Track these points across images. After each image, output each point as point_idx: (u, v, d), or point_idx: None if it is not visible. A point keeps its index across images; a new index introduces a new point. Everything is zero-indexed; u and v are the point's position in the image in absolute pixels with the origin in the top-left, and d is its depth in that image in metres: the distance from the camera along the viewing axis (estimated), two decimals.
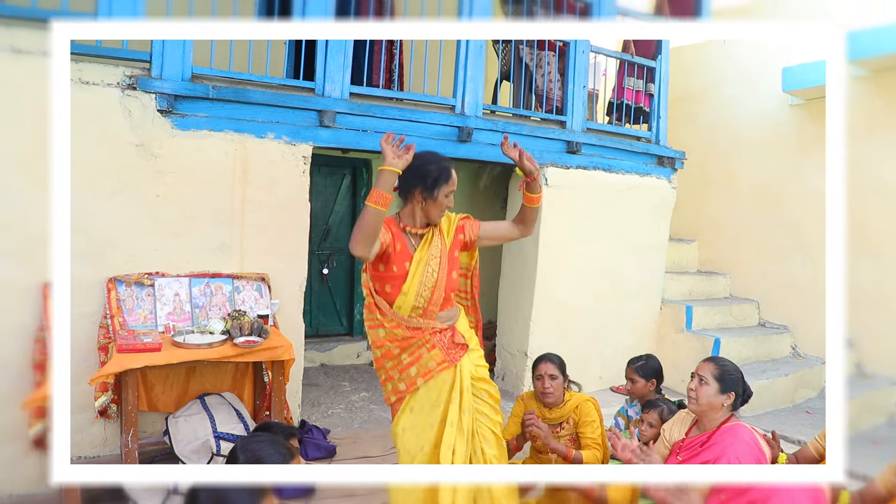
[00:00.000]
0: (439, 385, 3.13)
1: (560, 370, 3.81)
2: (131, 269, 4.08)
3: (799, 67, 6.64)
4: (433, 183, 3.06)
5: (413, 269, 3.08)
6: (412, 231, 3.16)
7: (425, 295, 3.10)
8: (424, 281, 3.09)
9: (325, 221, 6.79)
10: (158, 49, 4.09)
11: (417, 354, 3.14)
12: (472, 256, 3.53)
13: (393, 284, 3.10)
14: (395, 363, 3.18)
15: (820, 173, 6.49)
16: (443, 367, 3.12)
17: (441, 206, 3.13)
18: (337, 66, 4.65)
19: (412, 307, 3.10)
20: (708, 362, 3.08)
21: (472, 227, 3.32)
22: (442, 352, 3.14)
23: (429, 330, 3.13)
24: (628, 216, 6.23)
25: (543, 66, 5.89)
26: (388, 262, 3.09)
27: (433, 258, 3.13)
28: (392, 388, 3.22)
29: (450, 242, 3.23)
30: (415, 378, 3.14)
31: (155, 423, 4.29)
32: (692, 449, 2.98)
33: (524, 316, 5.88)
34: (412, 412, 3.16)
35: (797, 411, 6.13)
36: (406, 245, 3.13)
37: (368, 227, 2.86)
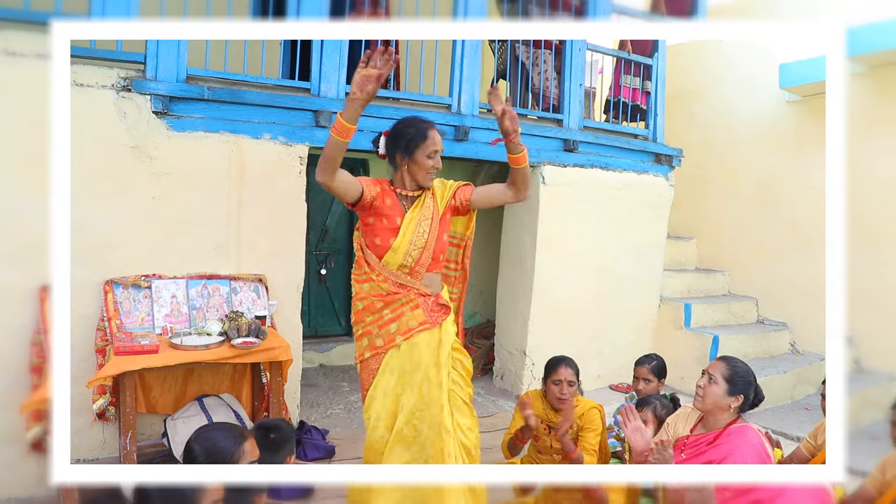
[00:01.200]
0: (422, 346, 3.15)
1: (577, 376, 3.72)
2: (128, 271, 4.07)
3: (796, 64, 6.64)
4: (408, 145, 3.13)
5: (404, 228, 3.14)
6: (403, 193, 3.22)
7: (414, 254, 3.15)
8: (414, 240, 3.14)
9: (323, 222, 6.77)
10: (153, 50, 4.08)
11: (400, 312, 3.16)
12: (468, 226, 3.56)
13: (383, 237, 3.15)
14: (375, 318, 3.20)
15: (818, 170, 6.49)
16: (424, 328, 3.16)
17: (424, 166, 3.16)
18: (332, 65, 4.64)
19: (400, 264, 3.15)
20: (720, 362, 3.04)
21: (465, 191, 3.35)
22: (424, 312, 3.18)
23: (414, 290, 3.17)
24: (626, 214, 6.23)
25: (540, 64, 5.89)
26: (377, 215, 3.15)
27: (424, 219, 3.19)
28: (368, 343, 3.24)
29: (443, 206, 3.28)
30: (394, 335, 3.16)
31: (153, 425, 4.28)
32: (698, 447, 2.96)
33: (522, 315, 5.87)
34: (392, 373, 3.18)
35: (796, 408, 6.13)
36: (397, 202, 3.20)
37: (328, 153, 2.91)
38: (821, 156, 6.41)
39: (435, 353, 3.16)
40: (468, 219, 3.55)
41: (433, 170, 3.20)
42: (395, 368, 3.18)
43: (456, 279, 3.61)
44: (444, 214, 3.28)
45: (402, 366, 3.17)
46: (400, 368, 3.18)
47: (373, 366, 3.23)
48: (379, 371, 3.20)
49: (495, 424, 5.06)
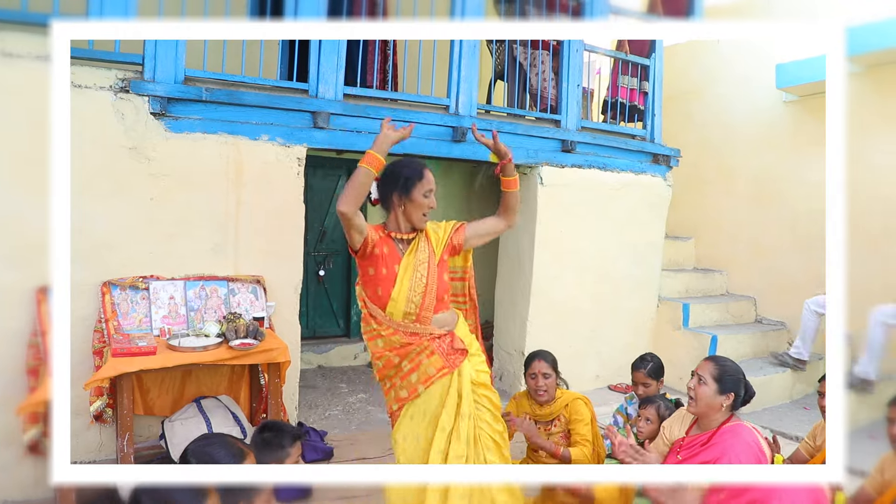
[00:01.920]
0: (440, 391, 3.10)
1: (553, 368, 3.82)
2: (126, 272, 4.06)
3: (792, 64, 6.65)
4: (406, 183, 3.11)
5: (401, 275, 3.10)
6: (398, 237, 3.18)
7: (416, 301, 3.10)
8: (414, 286, 3.10)
9: (321, 223, 6.77)
10: (151, 52, 4.07)
11: (417, 361, 3.11)
12: (466, 259, 3.52)
13: (383, 287, 3.12)
14: (395, 371, 3.16)
15: (815, 169, 6.50)
16: (443, 373, 3.09)
17: (420, 206, 3.14)
18: (330, 67, 4.64)
19: (404, 313, 3.10)
20: (708, 362, 3.06)
21: (459, 234, 3.34)
22: (441, 357, 3.11)
23: (426, 336, 3.11)
24: (624, 214, 6.23)
25: (538, 65, 5.89)
26: (376, 265, 3.12)
27: (421, 263, 3.15)
28: (394, 396, 3.20)
29: (440, 249, 3.24)
30: (415, 385, 3.11)
31: (151, 427, 4.27)
32: (692, 448, 2.96)
33: (521, 315, 5.87)
34: (411, 420, 3.14)
35: (795, 407, 6.13)
36: (394, 249, 3.16)
37: (357, 185, 2.93)
38: (818, 155, 6.43)
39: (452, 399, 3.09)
40: (465, 253, 3.51)
41: (428, 210, 3.18)
42: (415, 416, 3.14)
43: (467, 312, 3.55)
44: (441, 257, 3.24)
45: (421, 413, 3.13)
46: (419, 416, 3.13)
47: (397, 415, 3.21)
48: (399, 417, 3.17)
49: None
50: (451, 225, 3.34)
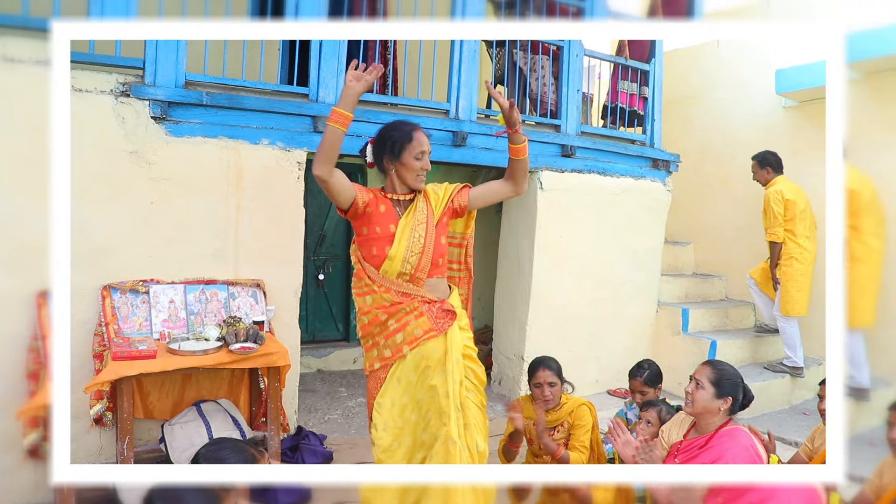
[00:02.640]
0: (427, 354, 3.11)
1: (558, 375, 3.79)
2: (126, 276, 4.06)
3: (792, 70, 6.66)
4: (396, 147, 3.13)
5: (399, 234, 3.10)
6: (396, 198, 3.20)
7: (412, 261, 3.11)
8: (411, 246, 3.10)
9: (321, 227, 6.77)
10: (152, 56, 4.08)
11: (404, 321, 3.12)
12: (468, 224, 3.54)
13: (378, 246, 3.12)
14: (381, 329, 3.16)
15: (814, 175, 6.50)
16: (430, 336, 3.10)
17: (412, 168, 3.15)
18: (331, 71, 4.65)
19: (398, 272, 3.11)
20: (706, 366, 3.07)
21: (462, 195, 3.34)
22: (430, 320, 3.12)
23: (418, 297, 3.13)
24: (623, 219, 6.23)
25: (538, 69, 5.90)
26: (370, 224, 3.13)
27: (419, 224, 3.16)
28: (377, 355, 3.20)
29: (439, 210, 3.25)
30: (400, 345, 3.12)
31: (151, 431, 4.26)
32: (690, 451, 2.97)
33: (520, 320, 5.87)
34: (399, 382, 3.14)
35: (794, 413, 6.13)
36: (391, 208, 3.17)
37: (326, 144, 2.94)
38: (817, 160, 6.43)
39: (441, 361, 3.10)
40: (468, 217, 3.52)
41: (422, 171, 3.19)
42: (402, 378, 3.14)
43: (461, 280, 3.58)
44: (440, 218, 3.25)
45: (408, 375, 3.13)
46: (406, 378, 3.14)
47: (380, 375, 3.19)
48: (385, 380, 3.16)
49: (493, 430, 5.03)
50: (453, 186, 3.35)
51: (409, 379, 3.13)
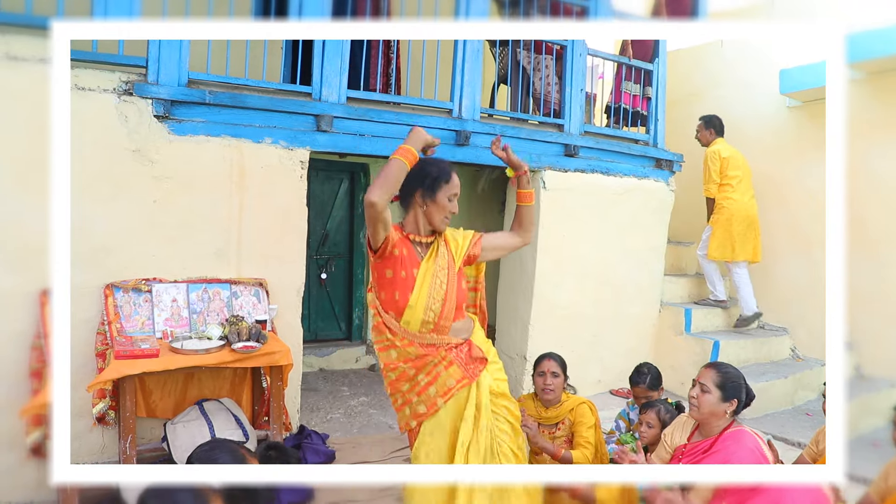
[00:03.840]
0: (458, 403, 2.98)
1: (562, 369, 3.85)
2: (129, 275, 4.07)
3: (796, 70, 6.65)
4: (432, 183, 2.98)
5: (420, 281, 2.95)
6: (417, 240, 3.05)
7: (435, 308, 2.96)
8: (433, 293, 2.96)
9: (323, 226, 6.78)
10: (154, 54, 4.09)
11: (435, 373, 2.97)
12: (479, 269, 3.43)
13: (401, 292, 2.96)
14: (411, 385, 3.01)
15: (818, 175, 6.50)
16: (463, 384, 2.97)
17: (443, 208, 3.01)
18: (334, 70, 4.65)
19: (422, 321, 2.96)
20: (709, 369, 3.03)
21: (477, 245, 3.23)
22: (460, 368, 2.98)
23: (444, 346, 2.99)
24: (627, 219, 6.23)
25: (541, 69, 5.90)
26: (395, 267, 2.96)
27: (441, 270, 3.02)
28: (411, 413, 3.04)
29: (460, 258, 3.13)
30: (434, 398, 2.97)
31: (153, 430, 4.27)
32: (694, 455, 2.96)
33: (523, 319, 5.87)
34: (432, 436, 3.00)
35: (797, 413, 6.12)
36: (413, 252, 3.02)
37: (392, 176, 2.81)
38: (820, 161, 6.41)
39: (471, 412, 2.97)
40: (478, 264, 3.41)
41: (450, 215, 3.06)
42: (434, 430, 3.00)
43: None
44: (460, 266, 3.13)
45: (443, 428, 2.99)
46: (441, 432, 3.00)
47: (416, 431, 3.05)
48: (419, 437, 3.02)
49: None
50: (469, 235, 3.23)
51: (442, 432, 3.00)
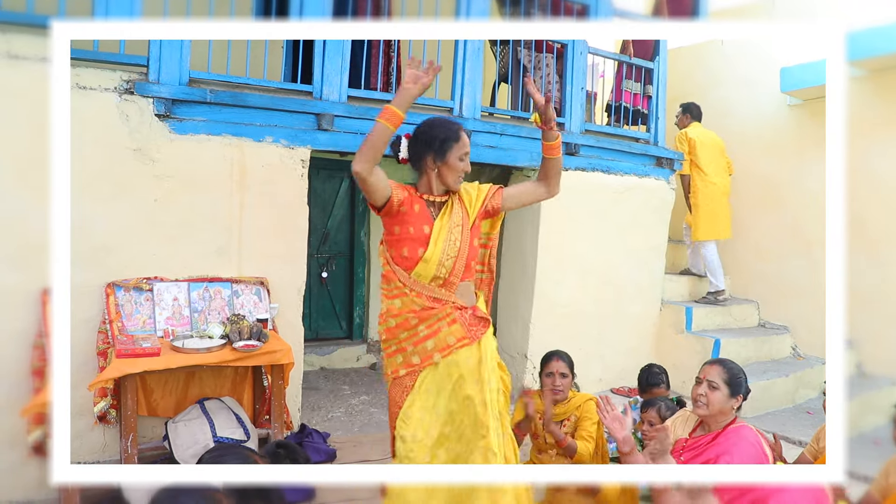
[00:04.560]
0: (460, 362, 2.96)
1: (570, 368, 3.88)
2: (130, 273, 4.07)
3: (797, 68, 6.64)
4: (441, 146, 2.96)
5: (435, 237, 2.96)
6: (430, 199, 3.04)
7: (447, 265, 2.97)
8: (447, 250, 2.97)
9: (324, 225, 6.78)
10: (156, 53, 4.09)
11: (436, 328, 2.97)
12: (494, 225, 3.38)
13: (411, 248, 2.97)
14: (410, 334, 3.00)
15: (819, 173, 6.50)
16: (463, 344, 2.97)
17: (456, 169, 3.00)
18: (335, 69, 4.65)
19: (433, 276, 2.97)
20: (715, 366, 3.04)
21: (496, 197, 3.19)
22: (463, 327, 2.99)
23: (450, 303, 3.00)
24: (627, 218, 6.23)
25: (542, 67, 5.90)
26: (403, 223, 2.98)
27: (455, 226, 3.02)
28: (403, 361, 3.03)
29: (474, 213, 3.11)
30: (431, 352, 2.97)
31: (154, 428, 4.28)
32: (697, 449, 2.97)
33: (524, 318, 5.87)
34: (429, 392, 2.98)
35: (798, 412, 6.12)
36: (425, 209, 3.02)
37: (374, 141, 2.77)
38: (822, 159, 6.41)
39: (476, 370, 2.96)
40: (495, 217, 3.36)
41: (462, 173, 3.04)
42: (432, 388, 2.98)
43: (483, 281, 3.43)
44: (475, 221, 3.11)
45: (440, 385, 2.98)
46: (437, 388, 2.98)
47: (407, 383, 3.02)
48: (414, 388, 2.99)
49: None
50: (486, 188, 3.20)
51: (440, 388, 2.98)
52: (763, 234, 7.23)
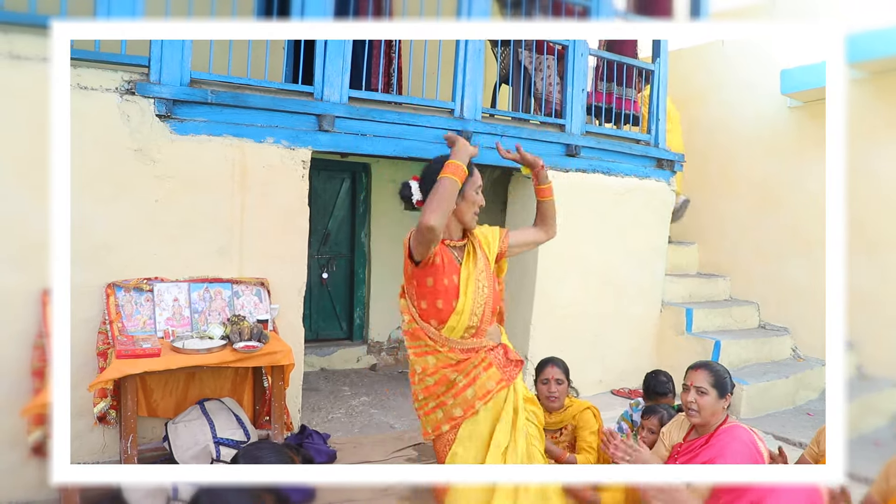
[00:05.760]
0: (497, 407, 2.92)
1: (565, 375, 3.83)
2: (130, 274, 4.07)
3: (797, 70, 6.65)
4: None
5: (464, 287, 2.90)
6: (451, 244, 2.98)
7: (478, 312, 2.92)
8: (477, 298, 2.92)
9: (325, 226, 6.78)
10: (157, 54, 4.09)
11: (474, 375, 2.91)
12: (501, 269, 3.34)
13: (445, 300, 2.89)
14: (447, 388, 2.93)
15: (819, 175, 6.50)
16: (502, 387, 2.92)
17: (472, 203, 2.97)
18: (336, 70, 4.65)
19: (466, 327, 2.90)
20: (700, 370, 3.03)
21: (506, 239, 3.19)
22: (499, 370, 2.95)
23: (483, 349, 2.95)
24: (628, 219, 6.23)
25: (543, 69, 5.90)
26: (437, 275, 2.89)
27: (480, 273, 2.97)
28: (444, 416, 2.94)
29: (493, 256, 3.10)
30: (472, 401, 2.89)
31: (154, 429, 4.27)
32: (691, 452, 2.98)
33: (524, 320, 5.87)
34: (470, 440, 2.91)
35: (798, 413, 6.11)
36: (451, 257, 2.95)
37: (445, 197, 2.71)
38: (822, 161, 6.41)
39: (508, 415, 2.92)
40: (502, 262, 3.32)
41: (479, 209, 3.01)
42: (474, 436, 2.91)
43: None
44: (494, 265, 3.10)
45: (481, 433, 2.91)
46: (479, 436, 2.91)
47: (449, 438, 2.95)
48: (456, 441, 2.92)
49: None
50: (497, 231, 3.20)
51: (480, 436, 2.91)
52: (763, 236, 7.23)
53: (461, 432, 2.92)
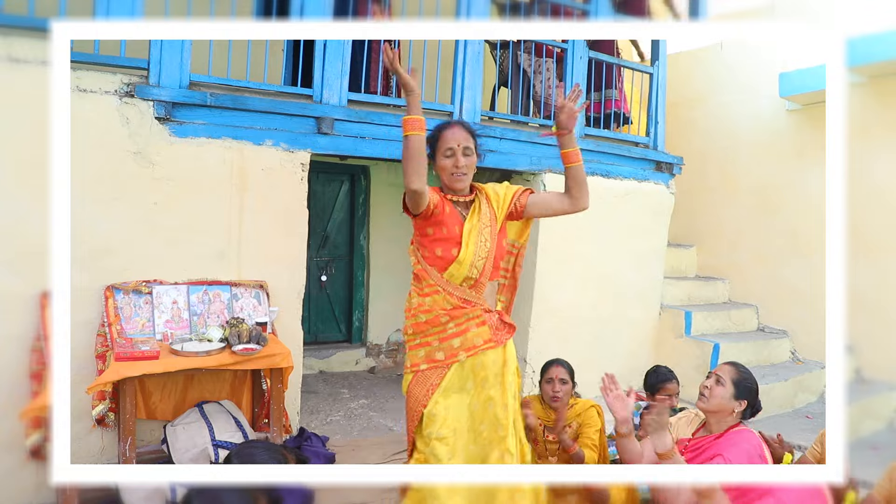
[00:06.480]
0: (486, 364, 2.99)
1: (570, 375, 3.87)
2: (129, 276, 4.07)
3: (796, 73, 6.66)
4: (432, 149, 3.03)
5: (466, 238, 2.99)
6: (455, 199, 3.08)
7: (479, 265, 3.01)
8: (478, 251, 3.00)
9: (324, 228, 6.78)
10: (156, 56, 4.09)
11: (465, 327, 3.01)
12: (522, 234, 3.41)
13: (444, 248, 3.00)
14: (438, 330, 3.03)
15: (817, 178, 6.51)
16: (488, 346, 3.00)
17: (445, 167, 3.02)
18: (335, 72, 4.65)
19: (465, 277, 3.00)
20: (729, 365, 3.11)
21: (522, 197, 3.23)
22: (490, 330, 3.03)
23: (480, 305, 3.03)
24: (627, 222, 6.23)
25: (542, 72, 5.90)
26: (437, 225, 3.00)
27: (485, 227, 3.05)
28: (425, 355, 3.06)
29: (502, 213, 3.15)
30: (457, 350, 3.00)
31: (153, 432, 4.27)
32: (698, 449, 2.99)
33: (523, 322, 5.86)
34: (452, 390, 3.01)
35: (797, 416, 6.12)
36: (454, 211, 3.05)
37: (414, 154, 2.79)
38: (820, 164, 6.43)
39: (500, 373, 3.00)
40: (523, 225, 3.40)
41: (455, 170, 3.02)
42: (457, 386, 3.02)
43: (505, 287, 3.42)
44: (502, 222, 3.14)
45: (465, 384, 3.03)
46: (462, 387, 3.03)
47: (432, 380, 3.03)
48: (441, 387, 3.00)
49: None
50: (515, 188, 3.24)
51: (464, 387, 3.02)
52: (762, 239, 7.24)
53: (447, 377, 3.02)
